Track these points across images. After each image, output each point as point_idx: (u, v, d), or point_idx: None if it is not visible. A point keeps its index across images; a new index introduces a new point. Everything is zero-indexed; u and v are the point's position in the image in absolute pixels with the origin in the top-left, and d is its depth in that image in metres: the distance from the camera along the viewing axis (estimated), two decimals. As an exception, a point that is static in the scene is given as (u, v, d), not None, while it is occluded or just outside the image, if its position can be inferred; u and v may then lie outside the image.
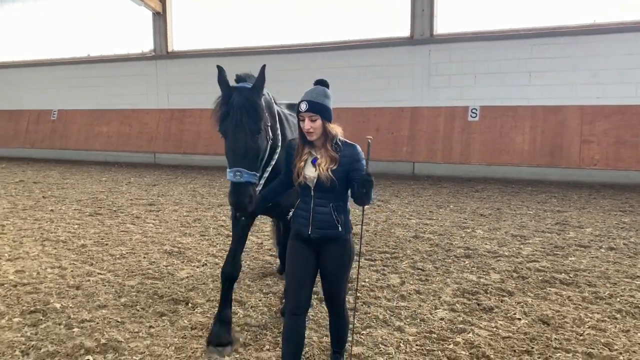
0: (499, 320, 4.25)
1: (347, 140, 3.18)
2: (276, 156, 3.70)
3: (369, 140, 3.00)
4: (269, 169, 3.67)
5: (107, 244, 6.65)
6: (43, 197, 10.20)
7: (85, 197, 10.12)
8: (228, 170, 3.24)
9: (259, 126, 3.29)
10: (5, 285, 5.12)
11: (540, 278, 5.24)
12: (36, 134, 18.45)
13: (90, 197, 10.19)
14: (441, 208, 8.85)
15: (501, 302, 4.64)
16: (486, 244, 6.57)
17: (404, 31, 13.45)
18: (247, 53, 15.07)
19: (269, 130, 3.54)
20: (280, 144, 3.75)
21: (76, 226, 7.65)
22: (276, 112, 3.84)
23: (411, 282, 5.16)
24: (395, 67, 13.46)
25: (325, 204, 3.09)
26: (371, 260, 5.93)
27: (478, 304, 4.57)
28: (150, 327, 4.16)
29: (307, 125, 3.04)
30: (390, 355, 3.65)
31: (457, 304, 4.57)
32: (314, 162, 3.09)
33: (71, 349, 3.76)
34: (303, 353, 3.67)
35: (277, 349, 3.76)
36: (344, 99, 13.92)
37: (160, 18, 16.26)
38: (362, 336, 3.98)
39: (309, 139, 3.08)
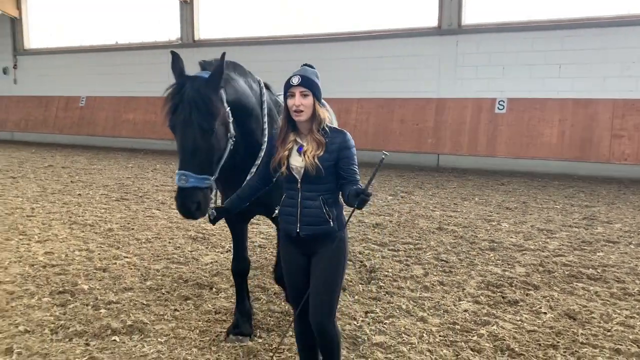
0: (524, 313, 4.19)
1: (336, 127, 2.89)
2: (262, 154, 3.33)
3: (383, 156, 2.55)
4: (254, 169, 3.36)
5: (133, 229, 6.75)
6: (71, 181, 10.39)
7: (112, 183, 10.28)
8: (176, 173, 2.93)
9: (210, 124, 2.88)
10: (35, 266, 5.24)
11: (566, 273, 5.15)
12: (65, 120, 18.78)
13: (116, 182, 10.35)
14: (466, 200, 8.76)
15: (526, 295, 4.58)
16: (511, 237, 6.48)
17: (432, 21, 13.29)
18: (271, 42, 15.07)
19: (231, 127, 3.09)
20: (266, 140, 3.39)
21: (103, 210, 7.78)
22: (266, 105, 3.52)
23: (435, 274, 5.13)
24: (422, 58, 13.31)
25: (314, 197, 2.74)
26: (394, 250, 5.91)
27: (502, 297, 4.52)
28: (175, 310, 4.22)
29: (297, 100, 2.68)
30: (413, 345, 3.64)
31: (481, 297, 4.53)
32: (299, 150, 2.75)
33: (98, 329, 3.83)
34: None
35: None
36: (368, 90, 13.87)
37: (187, 6, 16.34)
38: (384, 325, 3.97)
39: (296, 118, 2.72)
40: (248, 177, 3.33)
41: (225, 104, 3.05)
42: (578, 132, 11.86)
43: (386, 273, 5.11)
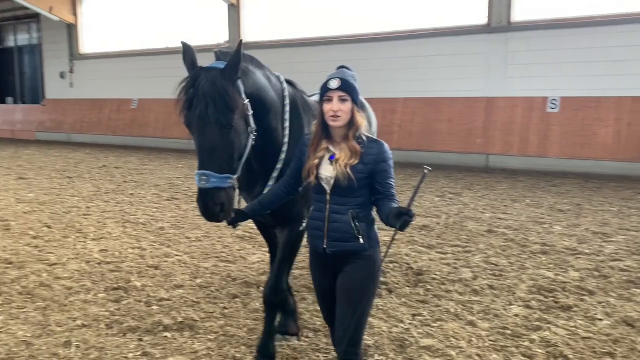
0: (578, 319, 4.05)
1: (373, 137, 2.68)
2: (283, 156, 3.16)
3: (425, 171, 2.38)
4: (275, 174, 3.15)
5: (183, 227, 6.91)
6: (124, 181, 10.74)
7: (162, 182, 10.55)
8: (195, 173, 2.73)
9: (229, 119, 2.66)
10: (90, 263, 5.44)
11: (624, 278, 4.94)
12: (117, 122, 19.41)
13: (167, 182, 10.62)
14: (516, 202, 8.54)
15: (580, 300, 4.42)
16: (564, 240, 6.27)
17: (481, 19, 13.00)
18: (317, 43, 15.10)
19: (251, 120, 2.87)
20: (287, 140, 3.19)
21: (154, 209, 8.00)
22: (288, 100, 3.28)
23: (484, 277, 5.02)
24: (470, 56, 13.05)
25: (343, 210, 2.56)
26: (442, 253, 5.82)
27: (555, 302, 4.38)
28: (224, 308, 4.30)
29: (335, 105, 2.52)
30: (462, 349, 3.58)
31: (532, 301, 4.41)
32: (331, 159, 2.57)
33: (150, 325, 3.94)
34: (372, 343, 3.68)
35: (347, 336, 3.78)
36: (414, 89, 13.70)
37: (234, 9, 16.60)
38: (432, 328, 3.92)
39: (332, 124, 2.55)
40: (270, 183, 3.15)
41: (244, 95, 2.83)
42: (636, 131, 11.33)
43: (434, 276, 5.04)
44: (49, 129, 21.09)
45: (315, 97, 3.90)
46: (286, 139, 3.19)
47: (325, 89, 2.58)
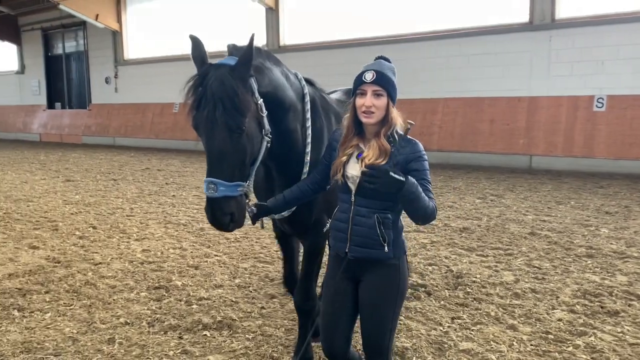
0: (626, 325, 3.90)
1: (408, 136, 2.43)
2: (307, 158, 2.92)
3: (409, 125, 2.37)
4: (303, 177, 2.91)
5: (222, 229, 7.00)
6: (166, 183, 10.97)
7: (203, 185, 10.72)
8: (204, 180, 2.52)
9: (238, 122, 2.41)
10: (134, 262, 5.58)
11: (676, 283, 4.73)
12: (160, 126, 19.87)
13: (207, 184, 10.77)
14: (561, 204, 8.29)
15: (629, 306, 4.26)
16: (612, 243, 6.05)
17: (523, 17, 12.71)
18: (354, 45, 15.07)
19: (266, 122, 2.62)
20: (310, 141, 2.95)
21: (195, 211, 8.14)
22: (309, 98, 3.01)
23: (526, 280, 4.90)
24: (512, 55, 12.77)
25: (368, 214, 2.37)
26: (483, 256, 5.70)
27: (601, 307, 4.23)
28: (262, 308, 4.33)
29: (368, 100, 2.33)
30: (502, 353, 3.50)
31: (577, 305, 4.27)
32: (359, 157, 2.39)
33: (190, 324, 4.01)
34: (410, 345, 3.64)
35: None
36: (455, 89, 13.52)
37: (272, 13, 16.75)
38: (472, 332, 3.84)
39: (364, 120, 2.36)
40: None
41: (257, 96, 2.56)
42: (689, 130, 10.86)
43: (474, 279, 4.95)
44: (94, 133, 21.78)
45: (335, 95, 3.76)
46: (309, 140, 2.95)
47: (359, 82, 2.38)
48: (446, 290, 4.69)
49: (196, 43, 2.62)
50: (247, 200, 2.62)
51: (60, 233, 6.83)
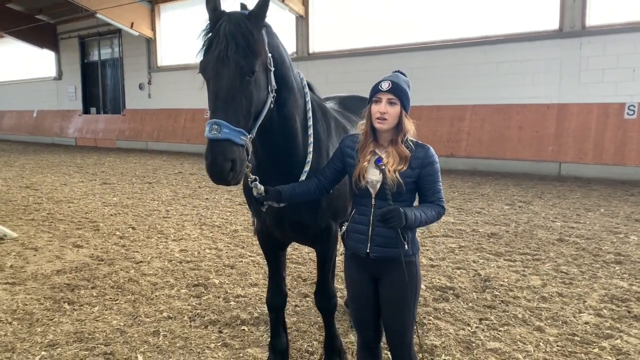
0: (653, 329, 3.98)
1: (419, 141, 2.63)
2: (307, 167, 2.88)
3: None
4: (303, 177, 2.87)
5: (255, 231, 7.25)
6: (199, 187, 11.30)
7: (235, 188, 11.01)
8: (206, 124, 2.37)
9: (251, 64, 2.38)
10: (172, 261, 5.85)
11: None
12: (191, 131, 20.33)
13: (239, 188, 11.05)
14: (590, 211, 8.30)
15: (656, 311, 4.33)
16: (641, 250, 6.09)
17: (552, 24, 12.70)
18: (382, 52, 15.22)
19: (272, 78, 2.57)
20: (312, 144, 2.93)
21: (228, 213, 8.41)
22: (309, 98, 2.99)
23: (553, 285, 4.99)
24: (541, 62, 12.77)
25: None
26: (510, 261, 5.81)
27: (628, 312, 4.31)
28: (296, 306, 4.54)
29: (383, 107, 2.50)
30: (529, 353, 3.62)
31: (604, 310, 4.36)
32: (378, 163, 2.54)
33: (229, 319, 4.24)
34: (439, 343, 3.79)
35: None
36: (484, 96, 13.56)
37: (302, 21, 17.04)
38: (499, 332, 3.98)
39: (377, 126, 2.53)
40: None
41: (267, 49, 2.54)
42: None
43: (501, 282, 5.07)
44: (128, 138, 22.39)
45: (329, 104, 3.84)
46: (311, 139, 2.93)
47: (376, 90, 2.55)
48: (474, 293, 4.82)
49: None
50: (247, 168, 2.51)
51: (101, 233, 7.16)
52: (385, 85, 2.51)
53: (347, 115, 3.73)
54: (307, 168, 2.87)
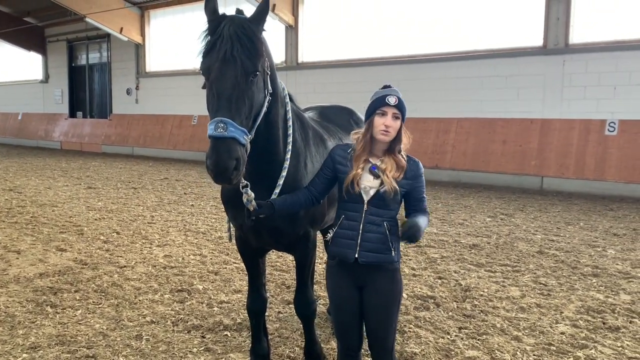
0: (626, 340, 4.09)
1: (409, 155, 2.77)
2: (284, 172, 2.92)
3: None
4: (277, 190, 2.89)
5: (240, 238, 7.28)
6: (184, 193, 11.30)
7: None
8: (209, 123, 2.41)
9: (255, 64, 2.47)
10: (156, 267, 5.87)
11: (678, 303, 4.91)
12: (178, 137, 20.30)
13: (224, 195, 11.08)
14: (570, 225, 8.47)
15: (630, 323, 4.44)
16: (617, 264, 6.23)
17: (536, 40, 12.96)
18: (370, 63, 15.40)
19: (268, 80, 2.68)
20: (289, 151, 2.97)
21: (213, 220, 8.44)
22: (289, 108, 3.06)
23: (532, 296, 5.10)
24: (525, 77, 13.01)
25: (378, 222, 2.63)
26: (491, 271, 5.91)
27: (603, 323, 4.43)
28: (279, 312, 4.59)
29: (389, 120, 2.60)
30: (506, 362, 3.71)
31: (580, 320, 4.47)
32: (372, 170, 2.65)
33: (212, 324, 4.28)
34: (419, 351, 3.86)
35: None
36: (468, 109, 13.76)
37: (292, 31, 17.17)
38: (477, 341, 4.06)
39: (382, 138, 2.62)
40: (276, 190, 2.89)
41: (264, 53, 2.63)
42: (700, 156, 10.99)
43: (481, 293, 5.16)
44: (114, 143, 22.28)
45: (309, 114, 3.92)
46: (289, 147, 2.98)
47: (382, 103, 2.63)
48: (454, 302, 4.91)
49: None
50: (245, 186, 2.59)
51: (85, 237, 7.15)
52: (392, 100, 2.62)
53: (325, 124, 3.82)
54: (284, 173, 2.92)
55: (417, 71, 14.45)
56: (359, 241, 2.63)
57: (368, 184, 2.64)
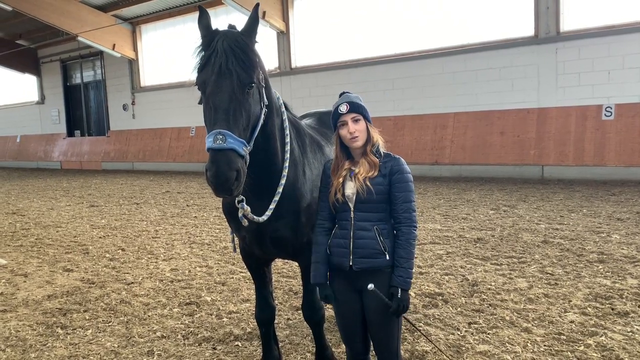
0: (636, 325, 4.10)
1: (391, 153, 2.76)
2: (283, 181, 2.93)
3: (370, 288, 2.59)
4: (277, 198, 2.90)
5: (245, 247, 7.29)
6: (187, 205, 11.32)
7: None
8: (207, 136, 2.40)
9: (250, 75, 2.50)
10: (164, 281, 5.88)
11: (685, 284, 4.91)
12: (177, 150, 20.36)
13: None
14: (573, 212, 8.48)
15: (639, 307, 4.45)
16: (623, 248, 6.23)
17: (528, 30, 13.00)
18: (364, 64, 15.45)
19: (264, 92, 2.70)
20: (287, 163, 2.97)
21: (217, 230, 8.45)
22: (286, 119, 3.07)
23: (539, 286, 5.11)
24: (519, 68, 13.05)
25: (367, 227, 2.64)
26: (497, 264, 5.92)
27: (612, 309, 4.43)
28: (288, 319, 4.60)
29: (351, 127, 2.63)
30: (517, 354, 3.71)
31: (588, 308, 4.47)
32: (351, 175, 2.68)
33: (222, 335, 4.29)
34: (430, 349, 3.87)
35: None
36: (464, 103, 13.79)
37: (283, 36, 17.22)
38: (488, 335, 4.06)
39: (353, 145, 2.67)
40: (276, 198, 2.90)
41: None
42: (699, 135, 10.99)
43: (489, 286, 5.17)
44: (114, 159, 22.35)
45: (307, 120, 3.96)
46: (287, 155, 2.99)
47: (337, 116, 2.68)
48: (462, 298, 4.91)
49: (202, 13, 2.66)
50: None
51: (91, 256, 7.17)
52: (344, 108, 2.66)
53: (323, 130, 3.82)
54: (283, 182, 2.93)
55: (411, 68, 14.50)
56: (351, 248, 2.65)
57: (350, 191, 2.66)
